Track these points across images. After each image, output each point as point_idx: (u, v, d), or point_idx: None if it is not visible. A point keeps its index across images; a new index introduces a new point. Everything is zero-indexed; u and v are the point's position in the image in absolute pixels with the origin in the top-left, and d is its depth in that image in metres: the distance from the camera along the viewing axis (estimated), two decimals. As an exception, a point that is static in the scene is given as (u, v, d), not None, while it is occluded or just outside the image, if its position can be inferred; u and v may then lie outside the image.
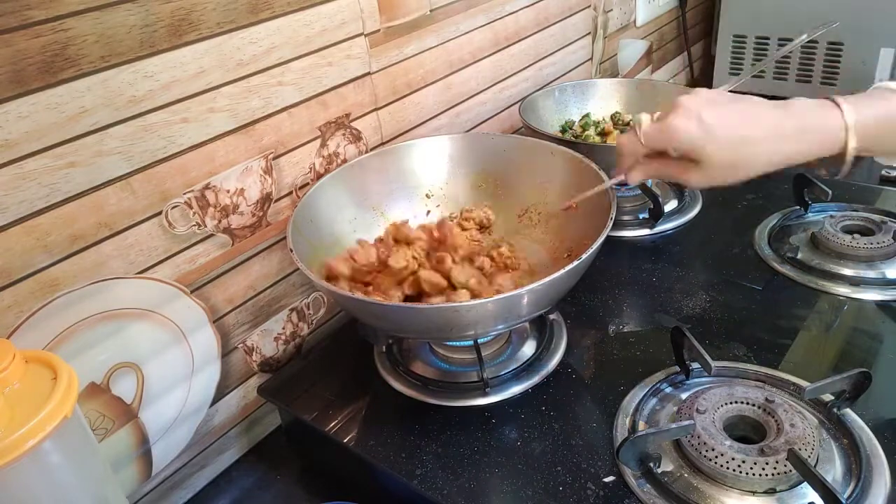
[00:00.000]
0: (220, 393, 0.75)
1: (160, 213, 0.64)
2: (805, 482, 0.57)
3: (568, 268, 0.61)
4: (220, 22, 0.65)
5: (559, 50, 1.22)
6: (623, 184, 0.68)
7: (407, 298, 0.72)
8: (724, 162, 0.59)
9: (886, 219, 0.88)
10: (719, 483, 0.58)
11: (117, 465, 0.66)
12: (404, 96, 0.91)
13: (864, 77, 1.32)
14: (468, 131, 1.05)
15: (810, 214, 0.94)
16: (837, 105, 0.59)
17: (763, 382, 0.67)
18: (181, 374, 0.70)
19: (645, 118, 0.61)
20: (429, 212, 0.88)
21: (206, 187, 0.68)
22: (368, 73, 0.84)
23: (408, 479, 0.63)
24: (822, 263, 0.84)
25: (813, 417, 0.63)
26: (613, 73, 1.43)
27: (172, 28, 0.61)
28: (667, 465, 0.60)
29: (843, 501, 0.51)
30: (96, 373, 0.62)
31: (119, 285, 0.62)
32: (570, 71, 1.28)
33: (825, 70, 1.37)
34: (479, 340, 0.70)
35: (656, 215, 0.96)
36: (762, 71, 1.47)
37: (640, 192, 0.99)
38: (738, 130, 0.58)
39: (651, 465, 0.60)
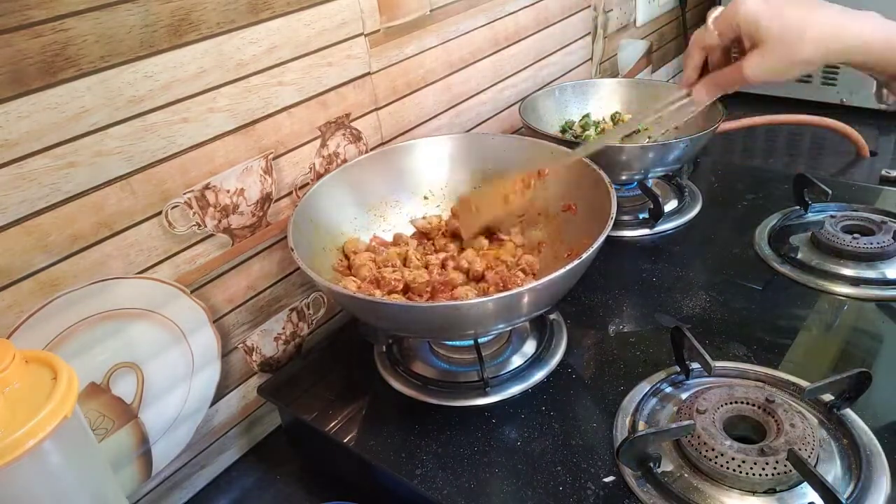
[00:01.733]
0: (220, 393, 0.75)
1: (160, 213, 0.64)
2: (805, 482, 0.57)
3: (568, 267, 0.61)
4: (219, 22, 0.65)
5: (559, 50, 1.22)
6: (687, 94, 0.69)
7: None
8: (787, 42, 0.58)
9: (886, 219, 0.88)
10: (719, 483, 0.58)
11: (117, 465, 0.66)
12: (404, 96, 0.91)
13: (865, 78, 1.32)
14: (468, 131, 1.05)
15: (810, 214, 0.94)
16: None
17: (763, 382, 0.67)
18: (181, 374, 0.70)
19: (717, 8, 0.63)
20: (424, 216, 0.88)
21: (206, 187, 0.68)
22: (368, 73, 0.84)
23: (408, 479, 0.63)
24: (822, 263, 0.84)
25: (813, 417, 0.63)
26: (613, 73, 1.43)
27: (172, 28, 0.61)
28: (667, 465, 0.60)
29: (843, 501, 0.51)
30: (96, 373, 0.62)
31: (119, 285, 0.62)
32: (570, 71, 1.27)
33: (825, 69, 1.37)
34: (479, 340, 0.70)
35: (656, 215, 0.96)
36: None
37: (640, 192, 0.99)
38: (803, 11, 0.58)
39: (651, 465, 0.60)
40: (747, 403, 0.62)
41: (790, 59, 0.59)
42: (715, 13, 0.62)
